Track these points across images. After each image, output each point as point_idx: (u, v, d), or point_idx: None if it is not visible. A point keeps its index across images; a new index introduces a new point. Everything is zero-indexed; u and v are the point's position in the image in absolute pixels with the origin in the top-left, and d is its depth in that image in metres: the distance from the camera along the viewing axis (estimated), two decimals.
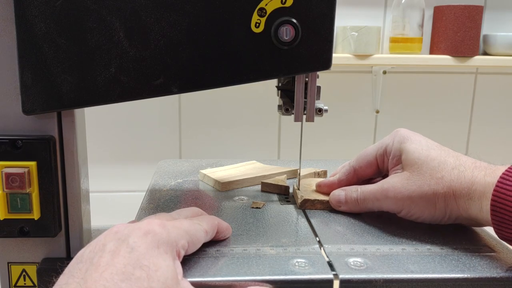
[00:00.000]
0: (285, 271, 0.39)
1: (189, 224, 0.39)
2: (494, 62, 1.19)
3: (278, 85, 0.59)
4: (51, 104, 0.41)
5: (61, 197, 0.45)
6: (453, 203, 0.44)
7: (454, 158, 0.46)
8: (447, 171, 0.45)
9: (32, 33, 0.40)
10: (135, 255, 0.33)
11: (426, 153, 0.47)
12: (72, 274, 0.33)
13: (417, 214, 0.47)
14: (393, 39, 1.19)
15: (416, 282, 0.39)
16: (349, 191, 0.52)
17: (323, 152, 1.31)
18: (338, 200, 0.53)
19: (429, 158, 0.47)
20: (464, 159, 0.45)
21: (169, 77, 0.42)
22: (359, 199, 0.51)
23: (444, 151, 0.47)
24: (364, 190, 0.51)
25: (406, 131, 0.51)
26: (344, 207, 0.52)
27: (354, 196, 0.52)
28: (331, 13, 0.42)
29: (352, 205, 0.52)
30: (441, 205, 0.45)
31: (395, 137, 0.51)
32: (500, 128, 1.36)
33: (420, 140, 0.49)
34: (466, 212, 0.44)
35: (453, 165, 0.45)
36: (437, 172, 0.45)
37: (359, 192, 0.51)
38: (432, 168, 0.46)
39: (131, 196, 1.31)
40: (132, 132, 1.27)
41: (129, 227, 0.36)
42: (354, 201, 0.52)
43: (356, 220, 0.51)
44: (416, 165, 0.47)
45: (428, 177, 0.46)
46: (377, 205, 0.50)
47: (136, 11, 0.40)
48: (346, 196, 0.52)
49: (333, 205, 0.53)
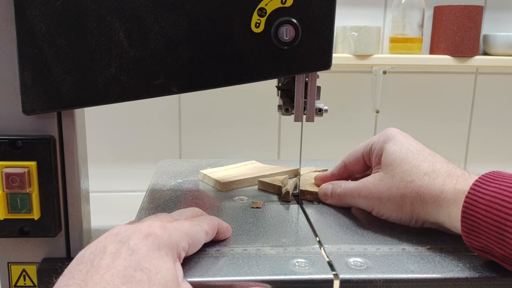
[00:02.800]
0: (285, 271, 0.39)
1: (190, 225, 0.39)
2: (494, 62, 1.19)
3: (278, 85, 0.59)
4: (51, 104, 0.41)
5: (61, 197, 0.45)
6: (420, 208, 0.45)
7: (429, 163, 0.46)
8: (418, 176, 0.45)
9: (32, 33, 0.40)
10: (136, 258, 0.33)
11: (403, 155, 0.47)
12: (72, 275, 0.33)
13: (386, 214, 0.49)
14: (393, 39, 1.19)
15: (416, 282, 0.39)
16: (335, 185, 0.55)
17: (323, 152, 1.31)
18: (325, 193, 0.55)
19: (403, 161, 0.47)
20: (439, 166, 0.45)
21: (169, 77, 0.42)
22: (340, 195, 0.53)
23: (422, 155, 0.47)
24: (345, 186, 0.53)
25: (394, 131, 0.51)
26: (330, 201, 0.55)
27: (337, 191, 0.54)
28: (331, 13, 0.42)
29: (336, 199, 0.54)
30: (407, 209, 0.46)
31: (381, 136, 0.52)
32: (500, 128, 1.36)
33: (403, 142, 0.49)
34: (434, 218, 0.44)
35: (425, 170, 0.45)
36: (408, 176, 0.46)
37: (341, 187, 0.53)
38: (404, 171, 0.46)
39: (131, 196, 1.31)
40: (132, 132, 1.27)
41: (130, 229, 0.36)
42: (337, 196, 0.54)
43: (356, 220, 0.51)
44: (391, 166, 0.48)
45: (399, 180, 0.46)
46: (354, 202, 0.52)
47: (136, 11, 0.40)
48: (332, 190, 0.55)
49: (321, 197, 0.56)
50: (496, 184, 0.39)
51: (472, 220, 0.39)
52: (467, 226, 0.40)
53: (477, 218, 0.39)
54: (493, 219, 0.38)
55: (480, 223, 0.39)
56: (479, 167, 1.30)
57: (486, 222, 0.38)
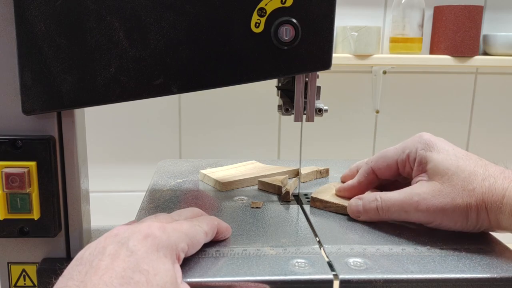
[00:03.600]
0: (285, 271, 0.39)
1: (189, 226, 0.39)
2: (494, 62, 1.18)
3: (278, 85, 0.59)
4: (51, 104, 0.41)
5: (61, 197, 0.45)
6: (485, 215, 0.44)
7: (482, 168, 0.45)
8: (478, 182, 0.44)
9: (32, 33, 0.40)
10: (135, 259, 0.33)
11: (456, 163, 0.46)
12: (71, 276, 0.33)
13: (449, 225, 0.46)
14: (393, 39, 1.19)
15: (416, 282, 0.39)
16: (367, 200, 0.50)
17: (323, 152, 1.31)
18: (356, 210, 0.51)
19: (459, 169, 0.45)
20: (492, 169, 0.44)
21: (169, 77, 0.42)
22: (380, 209, 0.49)
23: (471, 160, 0.46)
24: (387, 200, 0.49)
25: (429, 136, 0.50)
26: (364, 217, 0.50)
27: (373, 206, 0.49)
28: (331, 13, 0.42)
29: (373, 214, 0.49)
30: (473, 217, 0.44)
31: (419, 143, 0.49)
32: (500, 128, 1.36)
33: (447, 149, 0.48)
34: (497, 224, 0.44)
35: (483, 176, 0.44)
36: (469, 184, 0.44)
37: (379, 201, 0.49)
38: (463, 180, 0.45)
39: (131, 196, 1.31)
40: (132, 132, 1.27)
41: (129, 230, 0.36)
42: (374, 211, 0.49)
43: (356, 220, 0.51)
44: (447, 176, 0.46)
45: (460, 189, 0.44)
46: (404, 217, 0.48)
47: (136, 11, 0.40)
48: (364, 206, 0.50)
49: (352, 215, 0.51)
50: None
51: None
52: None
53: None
54: None
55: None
56: None
57: None
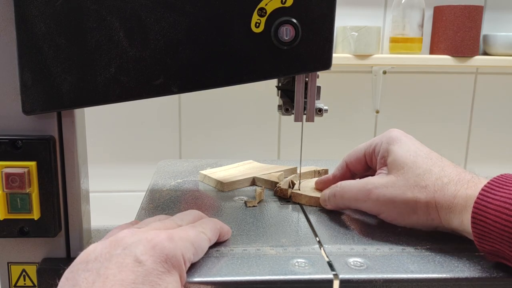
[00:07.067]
0: (285, 271, 0.39)
1: (195, 234, 0.39)
2: (494, 62, 1.18)
3: (278, 85, 0.59)
4: (51, 104, 0.41)
5: (61, 197, 0.45)
6: (435, 213, 0.44)
7: (439, 168, 0.46)
8: (431, 181, 0.45)
9: (32, 33, 0.40)
10: (143, 270, 0.33)
11: (414, 159, 0.47)
12: (77, 282, 0.33)
13: (398, 219, 0.47)
14: (393, 39, 1.19)
15: (416, 282, 0.39)
16: (331, 188, 0.52)
17: (323, 152, 1.31)
18: (323, 199, 0.54)
19: (415, 165, 0.46)
20: (449, 171, 0.45)
21: (169, 77, 0.42)
22: (338, 195, 0.51)
23: (430, 159, 0.47)
24: (345, 186, 0.51)
25: (397, 132, 0.51)
26: (328, 205, 0.53)
27: (333, 191, 0.52)
28: (331, 13, 0.42)
29: (332, 200, 0.52)
30: (421, 213, 0.45)
31: (385, 137, 0.51)
32: (500, 128, 1.36)
33: (409, 145, 0.49)
34: (447, 223, 0.44)
35: (437, 175, 0.45)
36: (422, 181, 0.45)
37: (338, 188, 0.51)
38: (417, 175, 0.46)
39: (131, 196, 1.31)
40: (132, 132, 1.27)
41: (135, 236, 0.36)
42: (333, 197, 0.52)
43: (356, 220, 0.51)
44: (403, 170, 0.47)
45: (413, 184, 0.46)
46: (358, 205, 0.50)
47: (136, 11, 0.40)
48: (329, 194, 0.52)
49: (322, 204, 0.54)
50: (506, 188, 0.39)
51: (482, 226, 0.39)
52: (478, 231, 0.40)
53: (487, 223, 0.39)
54: (503, 224, 0.38)
55: (491, 228, 0.39)
56: (479, 167, 1.30)
57: (496, 227, 0.38)
